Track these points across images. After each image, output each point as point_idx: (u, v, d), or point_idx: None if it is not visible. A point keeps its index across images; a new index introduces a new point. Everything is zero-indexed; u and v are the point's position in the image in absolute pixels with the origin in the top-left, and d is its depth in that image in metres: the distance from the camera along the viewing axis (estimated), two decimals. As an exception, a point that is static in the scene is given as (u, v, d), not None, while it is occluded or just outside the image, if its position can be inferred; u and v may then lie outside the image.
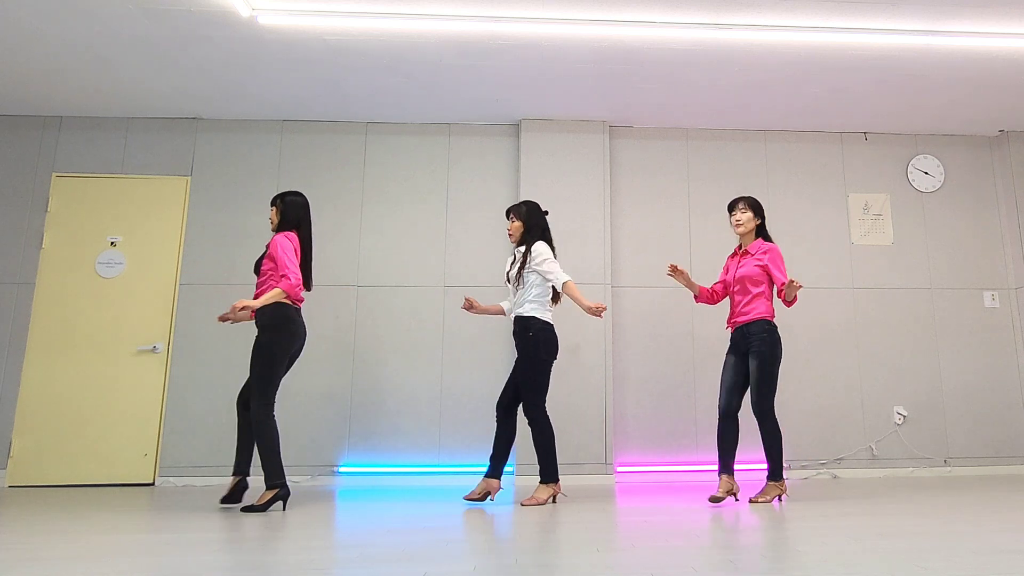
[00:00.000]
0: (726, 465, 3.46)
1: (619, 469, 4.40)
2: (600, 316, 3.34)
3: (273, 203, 3.46)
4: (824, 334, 4.68)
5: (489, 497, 3.42)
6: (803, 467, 4.49)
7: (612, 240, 4.71)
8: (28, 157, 4.59)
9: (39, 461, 4.21)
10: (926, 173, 4.97)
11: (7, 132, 4.62)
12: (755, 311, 3.48)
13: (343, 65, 4.04)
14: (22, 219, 4.49)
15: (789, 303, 3.38)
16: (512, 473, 4.34)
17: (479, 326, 4.55)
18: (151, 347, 4.39)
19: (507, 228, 3.68)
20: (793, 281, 3.26)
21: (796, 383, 4.59)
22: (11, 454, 4.19)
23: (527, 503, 3.31)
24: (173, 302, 4.47)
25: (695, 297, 3.75)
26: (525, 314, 3.48)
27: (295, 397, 4.40)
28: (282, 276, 3.24)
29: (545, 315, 3.50)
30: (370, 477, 4.31)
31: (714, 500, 3.34)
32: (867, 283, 4.79)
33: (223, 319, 3.30)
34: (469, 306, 3.64)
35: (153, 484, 4.25)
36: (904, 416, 4.61)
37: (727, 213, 3.71)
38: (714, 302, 3.76)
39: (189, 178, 4.65)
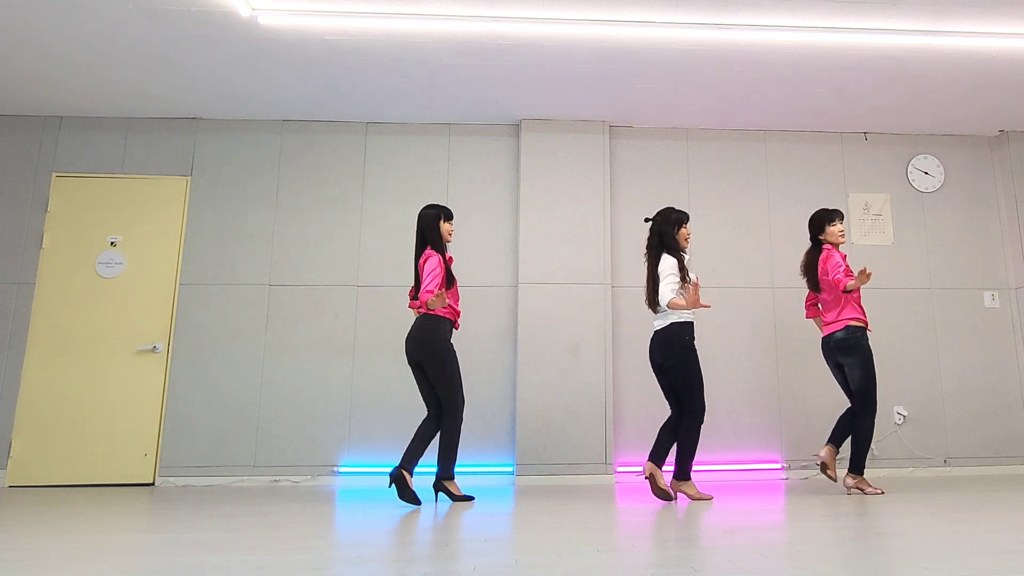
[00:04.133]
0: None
1: (619, 469, 4.40)
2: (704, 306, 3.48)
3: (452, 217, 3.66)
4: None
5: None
6: (803, 467, 4.49)
7: (612, 240, 4.70)
8: (28, 157, 4.59)
9: (39, 461, 4.21)
10: (926, 173, 4.97)
11: (7, 132, 4.62)
12: None
13: (343, 65, 4.04)
14: (22, 219, 4.50)
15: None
16: (512, 473, 4.34)
17: (479, 326, 4.55)
18: (151, 347, 4.39)
19: (688, 234, 3.66)
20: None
21: (796, 383, 4.59)
22: (11, 454, 4.19)
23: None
24: (173, 302, 4.47)
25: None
26: None
27: (295, 397, 4.40)
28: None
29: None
30: (370, 477, 4.31)
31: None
32: (867, 283, 4.78)
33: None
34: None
35: (153, 484, 4.25)
36: (904, 416, 4.61)
37: (833, 221, 3.89)
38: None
39: (189, 178, 4.65)
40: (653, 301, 3.56)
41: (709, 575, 1.86)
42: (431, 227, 3.55)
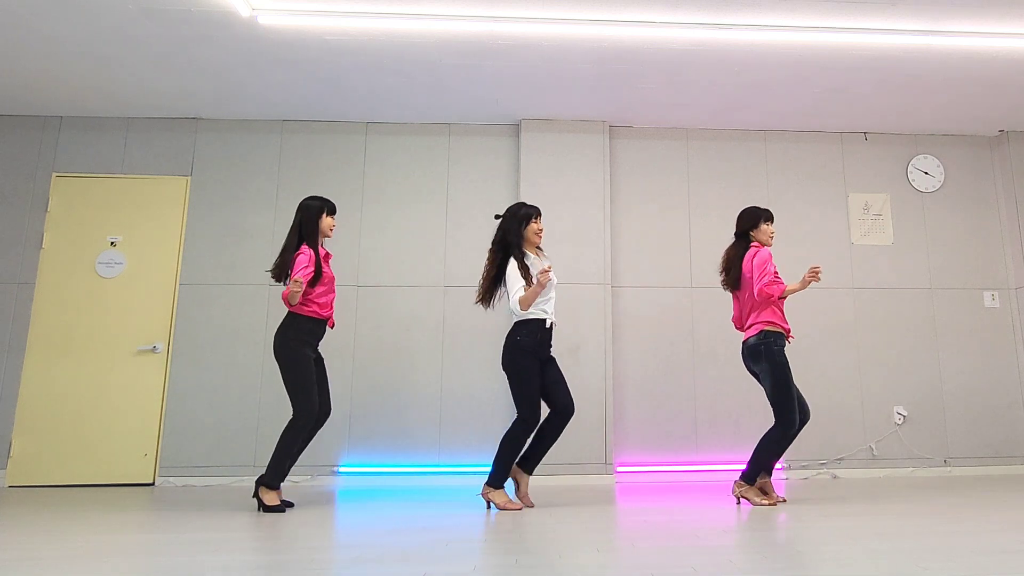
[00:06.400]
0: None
1: (619, 469, 4.40)
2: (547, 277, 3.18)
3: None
4: (824, 334, 4.68)
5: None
6: (803, 467, 4.49)
7: (612, 240, 4.70)
8: (28, 157, 4.59)
9: (39, 461, 4.21)
10: (926, 173, 4.97)
11: (7, 132, 4.61)
12: None
13: (343, 65, 4.04)
14: (22, 219, 4.49)
15: None
16: (512, 473, 4.34)
17: (479, 326, 4.55)
18: (151, 347, 4.39)
19: (540, 228, 3.43)
20: None
21: (796, 383, 4.59)
22: (11, 454, 4.19)
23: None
24: (173, 302, 4.47)
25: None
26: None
27: (295, 397, 4.40)
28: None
29: None
30: (370, 477, 4.31)
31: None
32: (867, 283, 4.78)
33: None
34: None
35: (153, 484, 4.25)
36: (904, 416, 4.61)
37: (768, 220, 3.56)
38: None
39: (189, 178, 4.65)
40: (485, 299, 3.41)
41: (709, 575, 1.86)
42: (310, 221, 3.42)
